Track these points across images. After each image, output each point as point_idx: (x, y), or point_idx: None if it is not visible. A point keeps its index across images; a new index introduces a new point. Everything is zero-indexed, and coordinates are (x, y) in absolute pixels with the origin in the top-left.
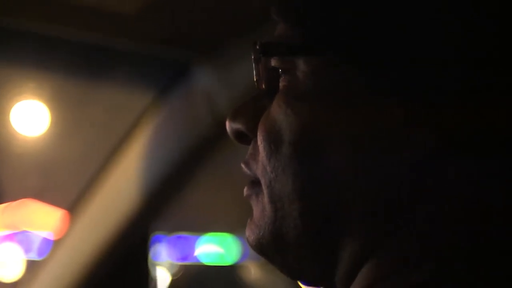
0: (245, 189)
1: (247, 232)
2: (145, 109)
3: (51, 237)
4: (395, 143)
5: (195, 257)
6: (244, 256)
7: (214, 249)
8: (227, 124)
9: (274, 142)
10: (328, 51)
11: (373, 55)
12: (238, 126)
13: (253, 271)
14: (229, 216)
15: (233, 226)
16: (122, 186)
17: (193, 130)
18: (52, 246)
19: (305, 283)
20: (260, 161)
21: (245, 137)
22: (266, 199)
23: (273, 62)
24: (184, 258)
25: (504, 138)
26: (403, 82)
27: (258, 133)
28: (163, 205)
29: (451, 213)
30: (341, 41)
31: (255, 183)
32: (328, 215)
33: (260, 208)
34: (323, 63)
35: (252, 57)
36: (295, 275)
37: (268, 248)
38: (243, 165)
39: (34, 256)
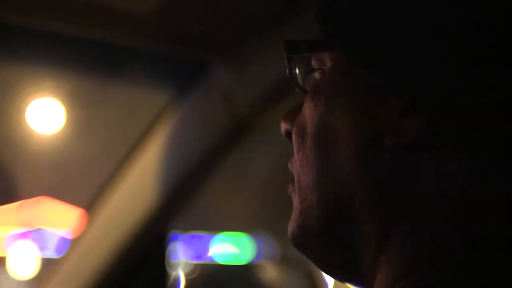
0: (289, 187)
1: (288, 229)
2: (162, 108)
3: (68, 235)
4: (393, 132)
5: (210, 257)
6: (258, 255)
7: (229, 248)
8: (282, 124)
9: (301, 135)
10: (343, 48)
11: (382, 53)
12: (287, 126)
13: (268, 270)
14: (244, 215)
15: (248, 226)
16: (139, 185)
17: (210, 130)
18: (69, 244)
19: (339, 280)
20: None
21: None
22: (296, 192)
23: (313, 62)
24: (199, 257)
25: (507, 138)
26: (412, 81)
27: (293, 129)
28: (179, 204)
29: (459, 211)
30: (353, 39)
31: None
32: (341, 202)
33: (295, 203)
34: (341, 60)
35: (285, 55)
36: (325, 268)
37: (300, 241)
38: (289, 164)
39: (50, 254)
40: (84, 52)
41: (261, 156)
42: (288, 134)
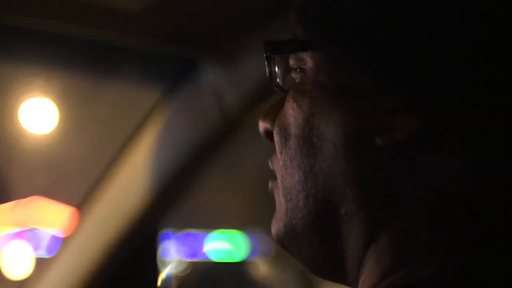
0: (269, 182)
1: (271, 227)
2: (153, 107)
3: (60, 234)
4: (383, 131)
5: (204, 254)
6: (252, 252)
7: (223, 245)
8: (259, 123)
9: (284, 136)
10: (328, 47)
11: (370, 53)
12: (266, 124)
13: (262, 267)
14: (237, 213)
15: (241, 223)
16: (130, 183)
17: (201, 127)
18: (61, 243)
19: (324, 278)
20: (277, 156)
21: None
22: (280, 192)
23: (291, 62)
24: (192, 255)
25: (506, 137)
26: (392, 75)
27: (274, 129)
28: (171, 202)
29: (454, 208)
30: (340, 38)
31: (276, 178)
32: (328, 203)
33: (278, 202)
34: (325, 59)
35: (264, 55)
36: (311, 267)
37: (285, 240)
38: (269, 162)
39: (43, 254)
40: (75, 51)
41: (254, 153)
42: (267, 133)
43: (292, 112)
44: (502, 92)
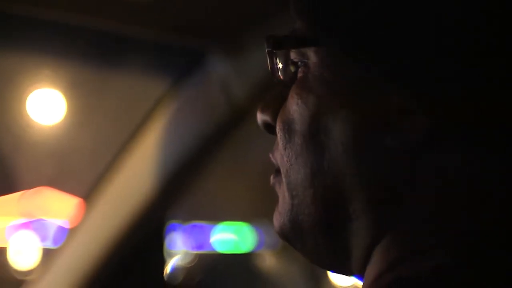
0: (271, 178)
1: (273, 220)
2: (160, 98)
3: (67, 225)
4: (395, 131)
5: (210, 246)
6: (259, 244)
7: (229, 237)
8: (258, 115)
9: (288, 132)
10: (332, 43)
11: (373, 47)
12: (265, 117)
13: (268, 259)
14: (244, 204)
15: (248, 215)
16: (137, 174)
17: (208, 119)
18: (68, 234)
19: (329, 270)
20: (279, 150)
21: (273, 128)
22: (284, 187)
23: (292, 55)
24: (199, 247)
25: (504, 135)
26: (403, 73)
27: (277, 124)
28: (178, 194)
29: (455, 202)
30: (344, 34)
31: (278, 172)
32: (336, 201)
33: (282, 196)
34: (330, 55)
35: (266, 50)
36: (315, 260)
37: (289, 234)
38: (270, 155)
39: (49, 244)
40: (83, 41)
41: (261, 145)
42: (266, 125)
43: (296, 109)
44: (502, 91)
